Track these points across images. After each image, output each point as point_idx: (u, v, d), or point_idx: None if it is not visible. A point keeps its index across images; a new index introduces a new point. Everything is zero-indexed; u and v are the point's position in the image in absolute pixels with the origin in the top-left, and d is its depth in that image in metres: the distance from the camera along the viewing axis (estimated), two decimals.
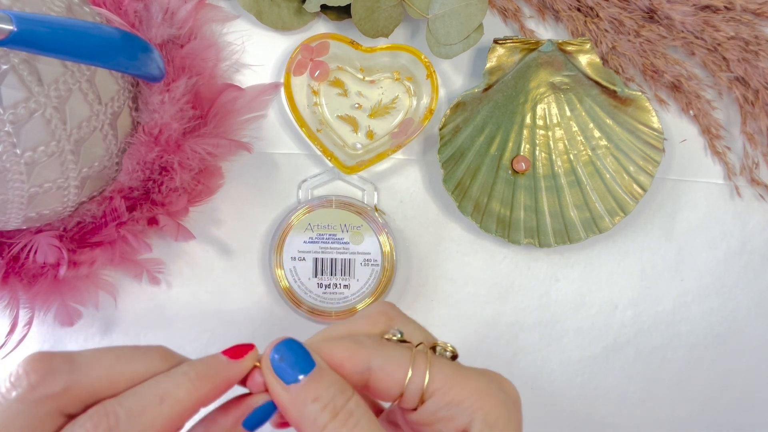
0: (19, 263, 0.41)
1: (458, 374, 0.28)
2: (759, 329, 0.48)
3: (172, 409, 0.25)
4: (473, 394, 0.27)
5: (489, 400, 0.27)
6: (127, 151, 0.40)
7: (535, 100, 0.46)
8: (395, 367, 0.27)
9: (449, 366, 0.28)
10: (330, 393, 0.26)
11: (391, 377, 0.27)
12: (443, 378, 0.27)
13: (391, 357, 0.27)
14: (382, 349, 0.28)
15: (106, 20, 0.40)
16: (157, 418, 0.24)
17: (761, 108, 0.46)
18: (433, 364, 0.27)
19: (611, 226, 0.45)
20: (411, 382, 0.27)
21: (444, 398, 0.27)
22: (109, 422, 0.24)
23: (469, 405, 0.27)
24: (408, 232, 0.47)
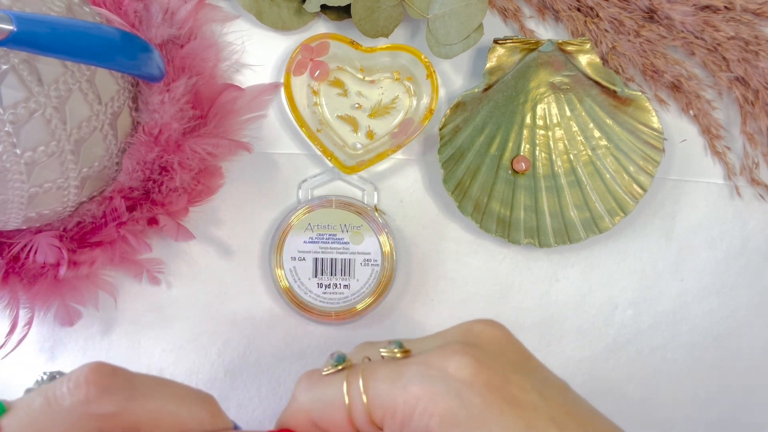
0: (19, 263, 0.41)
1: (395, 385, 0.25)
2: (759, 329, 0.48)
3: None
4: (419, 404, 0.24)
5: (433, 402, 0.24)
6: (127, 151, 0.40)
7: (535, 100, 0.46)
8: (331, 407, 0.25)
9: (387, 377, 0.25)
10: None
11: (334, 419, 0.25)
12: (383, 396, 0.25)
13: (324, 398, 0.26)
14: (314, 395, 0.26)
15: (106, 20, 0.40)
16: None
17: (761, 108, 0.46)
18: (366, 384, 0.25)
19: (611, 226, 0.45)
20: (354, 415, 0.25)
21: (395, 419, 0.25)
22: None
23: (419, 415, 0.24)
24: (408, 232, 0.47)
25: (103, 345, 0.46)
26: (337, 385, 0.25)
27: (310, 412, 0.26)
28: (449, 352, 0.25)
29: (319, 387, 0.26)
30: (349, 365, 0.26)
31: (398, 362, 0.26)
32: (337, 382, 0.26)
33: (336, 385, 0.25)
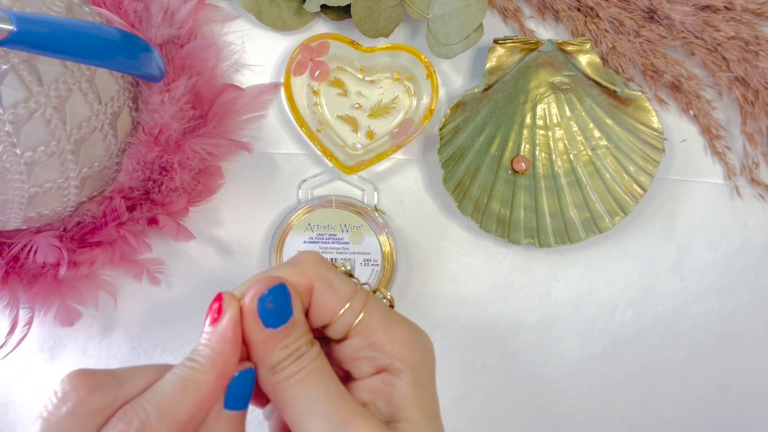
0: (19, 263, 0.41)
1: (387, 320, 0.29)
2: (759, 329, 0.48)
3: (195, 393, 0.25)
4: (396, 340, 0.29)
5: (409, 347, 0.29)
6: (127, 151, 0.40)
7: (535, 100, 0.46)
8: (335, 295, 0.28)
9: (383, 310, 0.29)
10: (298, 342, 0.28)
11: (328, 303, 0.28)
12: (374, 320, 0.29)
13: (336, 284, 0.29)
14: (330, 273, 0.29)
15: (106, 20, 0.40)
16: (184, 405, 0.25)
17: (761, 108, 0.46)
18: (370, 303, 0.29)
19: (611, 226, 0.45)
20: (345, 314, 0.28)
21: (367, 339, 0.28)
22: (140, 418, 0.24)
23: (391, 349, 0.28)
24: (408, 232, 0.47)
25: (103, 345, 0.46)
26: (348, 285, 0.29)
27: (313, 282, 0.28)
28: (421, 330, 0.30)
29: (334, 272, 0.29)
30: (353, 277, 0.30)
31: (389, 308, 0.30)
32: (350, 283, 0.29)
33: (347, 284, 0.29)
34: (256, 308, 0.27)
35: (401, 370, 0.28)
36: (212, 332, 0.27)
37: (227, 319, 0.27)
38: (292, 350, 0.27)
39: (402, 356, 0.28)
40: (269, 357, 0.27)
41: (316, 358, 0.28)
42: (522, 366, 0.47)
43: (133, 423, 0.24)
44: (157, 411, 0.25)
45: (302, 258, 0.29)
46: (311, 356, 0.28)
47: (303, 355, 0.27)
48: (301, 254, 0.30)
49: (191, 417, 0.25)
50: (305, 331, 0.28)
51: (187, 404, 0.25)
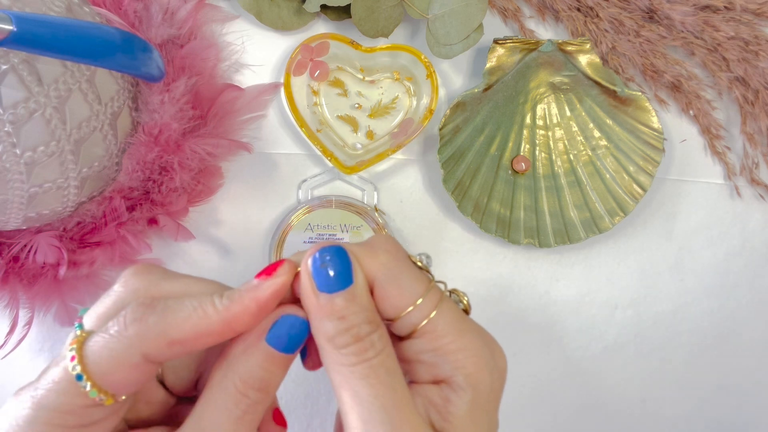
0: (19, 263, 0.41)
1: (459, 325, 0.27)
2: (759, 329, 0.48)
3: (199, 321, 0.25)
4: (464, 351, 0.26)
5: (477, 362, 0.26)
6: (127, 151, 0.40)
7: (535, 100, 0.46)
8: (401, 291, 0.27)
9: (455, 315, 0.27)
10: (358, 318, 0.26)
11: (392, 298, 0.27)
12: (444, 324, 0.26)
13: (405, 279, 0.27)
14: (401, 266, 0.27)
15: (106, 20, 0.40)
16: (184, 324, 0.25)
17: (761, 108, 0.46)
18: (442, 305, 0.27)
19: (611, 226, 0.45)
20: (412, 313, 0.26)
21: (432, 343, 0.26)
22: (145, 311, 0.25)
23: (455, 360, 0.26)
24: (408, 232, 0.47)
25: None
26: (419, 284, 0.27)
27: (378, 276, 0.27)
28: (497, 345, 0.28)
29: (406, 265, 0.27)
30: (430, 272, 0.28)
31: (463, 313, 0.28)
32: (422, 281, 0.27)
33: (418, 283, 0.27)
34: (310, 267, 0.26)
35: (462, 388, 0.26)
36: (250, 286, 0.26)
37: (269, 283, 0.26)
38: (349, 325, 0.26)
39: (466, 371, 0.26)
40: (323, 326, 0.26)
41: (383, 351, 0.26)
42: (521, 366, 0.47)
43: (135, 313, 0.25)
44: (159, 316, 0.25)
45: (376, 242, 0.28)
46: (377, 347, 0.26)
47: (364, 337, 0.26)
48: (376, 238, 0.28)
49: (182, 340, 0.25)
50: (365, 306, 0.26)
51: (185, 328, 0.25)
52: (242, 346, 0.26)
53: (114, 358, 0.25)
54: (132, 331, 0.25)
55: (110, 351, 0.25)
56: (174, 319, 0.25)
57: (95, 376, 0.24)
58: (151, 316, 0.25)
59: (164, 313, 0.25)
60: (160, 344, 0.25)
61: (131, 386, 0.25)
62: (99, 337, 0.25)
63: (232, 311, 0.26)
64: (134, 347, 0.25)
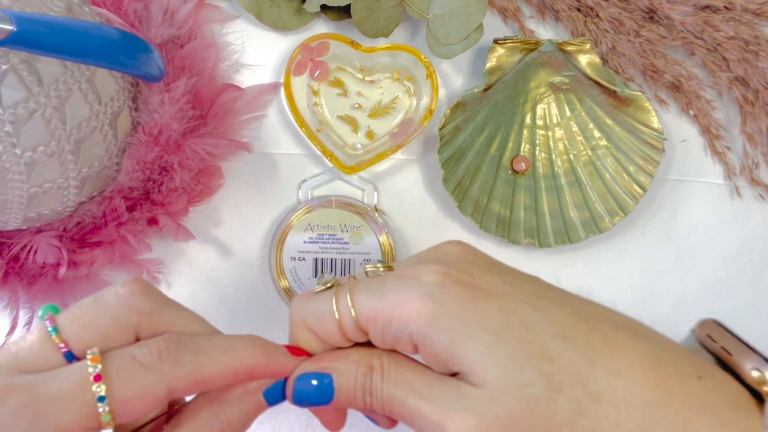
0: (19, 263, 0.41)
1: (376, 295, 0.27)
2: (759, 329, 0.48)
3: (230, 362, 0.26)
4: (396, 310, 0.26)
5: (409, 306, 0.26)
6: (127, 151, 0.40)
7: (535, 100, 0.46)
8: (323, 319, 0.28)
9: (368, 290, 0.27)
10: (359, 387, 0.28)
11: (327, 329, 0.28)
12: (365, 306, 0.27)
13: (317, 311, 0.28)
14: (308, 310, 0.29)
15: (106, 20, 0.40)
16: (217, 363, 0.26)
17: (761, 108, 0.46)
18: (353, 298, 0.27)
19: (611, 226, 0.45)
20: (344, 325, 0.28)
21: (377, 326, 0.27)
22: (179, 349, 0.26)
23: (397, 321, 0.26)
24: (408, 232, 0.47)
25: None
26: (328, 300, 0.28)
27: (307, 324, 0.29)
28: (425, 264, 0.28)
29: (312, 302, 0.29)
30: (337, 283, 0.29)
31: (379, 277, 0.28)
32: (328, 297, 0.28)
33: (326, 300, 0.28)
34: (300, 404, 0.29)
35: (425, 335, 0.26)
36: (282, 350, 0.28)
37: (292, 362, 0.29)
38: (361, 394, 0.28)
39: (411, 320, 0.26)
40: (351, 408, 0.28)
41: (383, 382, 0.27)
42: None
43: (170, 347, 0.26)
44: (193, 352, 0.26)
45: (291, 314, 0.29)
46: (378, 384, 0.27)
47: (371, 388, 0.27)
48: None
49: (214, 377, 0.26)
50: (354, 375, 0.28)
51: (219, 365, 0.26)
52: (239, 392, 0.28)
53: (141, 389, 0.25)
54: (166, 366, 0.25)
55: (138, 380, 0.25)
56: (207, 358, 0.26)
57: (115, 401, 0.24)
58: (185, 353, 0.26)
59: (197, 352, 0.26)
60: (188, 382, 0.26)
61: (143, 415, 0.26)
62: (125, 362, 0.25)
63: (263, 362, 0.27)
64: (164, 382, 0.25)
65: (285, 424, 0.45)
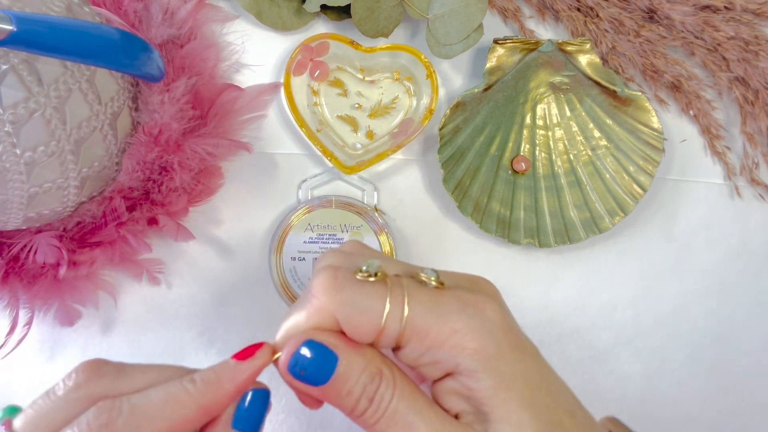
0: (19, 263, 0.41)
1: (435, 312, 0.26)
2: (759, 329, 0.48)
3: (174, 412, 0.25)
4: (452, 336, 0.25)
5: (470, 335, 0.25)
6: (127, 151, 0.40)
7: (535, 100, 0.46)
8: (363, 317, 0.26)
9: (427, 303, 0.26)
10: (360, 386, 0.26)
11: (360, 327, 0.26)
12: (420, 319, 0.26)
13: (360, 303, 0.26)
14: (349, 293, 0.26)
15: (106, 20, 0.40)
16: (157, 420, 0.24)
17: (761, 108, 0.46)
18: (410, 301, 0.26)
19: (611, 226, 0.45)
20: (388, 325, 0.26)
21: (422, 344, 0.26)
22: (111, 416, 0.24)
23: (450, 349, 0.25)
24: (408, 232, 0.47)
25: (103, 345, 0.46)
26: (378, 296, 0.26)
27: (336, 313, 0.26)
28: (483, 297, 0.27)
29: (353, 291, 0.26)
30: (384, 277, 0.27)
31: (436, 291, 0.27)
32: (379, 292, 0.26)
33: (376, 295, 0.26)
34: (293, 377, 0.26)
35: (472, 370, 0.25)
36: (227, 368, 0.26)
37: (249, 365, 0.26)
38: (358, 394, 0.26)
39: (467, 352, 0.25)
40: (339, 405, 0.26)
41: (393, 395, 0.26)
42: None
43: (100, 418, 0.24)
44: (130, 413, 0.24)
45: (314, 291, 0.26)
46: (386, 396, 0.26)
47: (374, 395, 0.26)
48: (314, 280, 0.27)
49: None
50: (358, 372, 0.26)
51: (160, 422, 0.24)
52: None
53: None
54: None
55: None
56: (145, 416, 0.24)
57: None
58: (119, 417, 0.24)
59: (132, 412, 0.24)
60: None
61: None
62: None
63: (209, 396, 0.25)
64: None
65: (285, 424, 0.45)
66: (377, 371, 0.26)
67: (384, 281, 0.26)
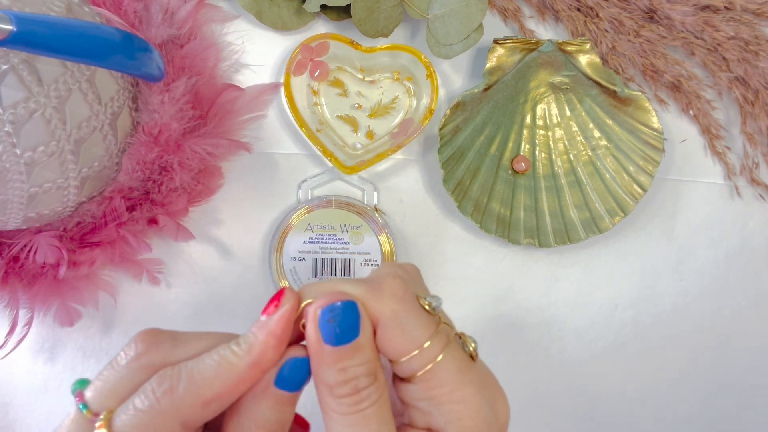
0: (19, 263, 0.41)
1: (459, 376, 0.26)
2: (759, 329, 0.48)
3: (227, 374, 0.26)
4: (461, 404, 0.26)
5: (473, 416, 0.26)
6: (127, 151, 0.40)
7: (535, 100, 0.46)
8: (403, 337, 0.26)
9: (459, 364, 0.27)
10: (358, 371, 0.26)
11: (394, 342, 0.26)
12: (444, 373, 0.26)
13: (409, 324, 0.26)
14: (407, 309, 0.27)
15: (106, 20, 0.40)
16: (214, 381, 0.26)
17: (761, 108, 0.46)
18: (447, 353, 0.26)
19: (611, 226, 0.45)
20: (416, 357, 0.26)
21: (429, 392, 0.26)
22: (172, 382, 0.26)
23: (450, 411, 0.26)
24: (408, 232, 0.47)
25: (102, 345, 0.46)
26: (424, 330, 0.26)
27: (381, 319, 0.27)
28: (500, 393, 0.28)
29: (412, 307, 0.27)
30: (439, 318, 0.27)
31: (468, 358, 0.27)
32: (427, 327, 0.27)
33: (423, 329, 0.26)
34: (318, 319, 0.26)
35: None
36: (261, 323, 0.27)
37: (278, 315, 0.27)
38: (350, 377, 0.26)
39: (461, 423, 0.26)
40: (324, 374, 0.26)
41: (377, 401, 0.26)
42: (522, 366, 0.47)
43: (163, 385, 0.26)
44: (188, 379, 0.26)
45: (385, 281, 0.27)
46: (372, 398, 0.26)
47: (361, 390, 0.26)
48: (385, 277, 0.28)
49: (218, 395, 0.26)
50: (367, 359, 0.26)
51: (217, 383, 0.26)
52: (251, 394, 0.27)
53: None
54: (166, 403, 0.25)
55: (146, 427, 0.25)
56: (202, 379, 0.26)
57: None
58: (179, 383, 0.26)
59: (191, 377, 0.26)
60: (196, 409, 0.25)
61: None
62: (128, 415, 0.25)
63: (255, 352, 0.26)
64: (172, 418, 0.25)
65: None
66: (375, 371, 0.27)
67: (437, 321, 0.27)
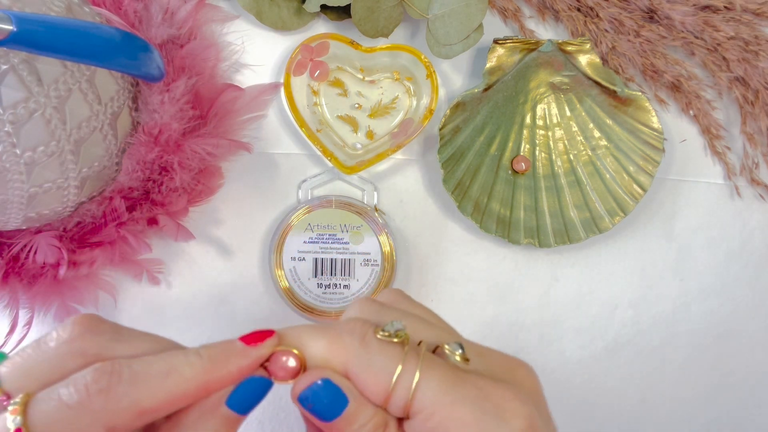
0: (19, 263, 0.41)
1: (447, 395, 0.24)
2: (759, 329, 0.48)
3: (175, 385, 0.24)
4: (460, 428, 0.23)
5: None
6: (127, 151, 0.40)
7: (535, 100, 0.46)
8: (374, 377, 0.24)
9: (441, 383, 0.24)
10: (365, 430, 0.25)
11: (373, 382, 0.24)
12: (430, 397, 0.24)
13: (381, 355, 0.24)
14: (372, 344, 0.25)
15: (106, 20, 0.40)
16: (158, 390, 0.23)
17: (761, 108, 0.46)
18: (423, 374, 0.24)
19: (611, 226, 0.45)
20: (393, 396, 0.24)
21: (425, 424, 0.24)
22: (111, 381, 0.23)
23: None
24: (408, 232, 0.47)
25: None
26: (391, 360, 0.24)
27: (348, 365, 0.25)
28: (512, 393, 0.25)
29: (372, 351, 0.25)
30: (406, 340, 0.25)
31: (456, 369, 0.25)
32: (393, 356, 0.24)
33: (390, 359, 0.24)
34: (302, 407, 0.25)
35: None
36: (234, 347, 0.25)
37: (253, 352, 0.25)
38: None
39: None
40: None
41: None
42: None
43: (100, 382, 0.23)
44: (130, 380, 0.23)
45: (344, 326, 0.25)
46: None
47: None
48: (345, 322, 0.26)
49: (157, 407, 0.23)
50: (369, 417, 0.25)
51: (161, 394, 0.23)
52: (198, 411, 0.25)
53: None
54: (98, 403, 0.22)
55: (68, 425, 0.22)
56: (146, 386, 0.23)
57: None
58: (119, 385, 0.23)
59: (133, 381, 0.23)
60: (130, 416, 0.23)
61: None
62: (50, 406, 0.22)
63: (213, 375, 0.24)
64: (99, 421, 0.22)
65: (285, 423, 0.45)
66: (383, 423, 0.25)
67: (402, 345, 0.25)
